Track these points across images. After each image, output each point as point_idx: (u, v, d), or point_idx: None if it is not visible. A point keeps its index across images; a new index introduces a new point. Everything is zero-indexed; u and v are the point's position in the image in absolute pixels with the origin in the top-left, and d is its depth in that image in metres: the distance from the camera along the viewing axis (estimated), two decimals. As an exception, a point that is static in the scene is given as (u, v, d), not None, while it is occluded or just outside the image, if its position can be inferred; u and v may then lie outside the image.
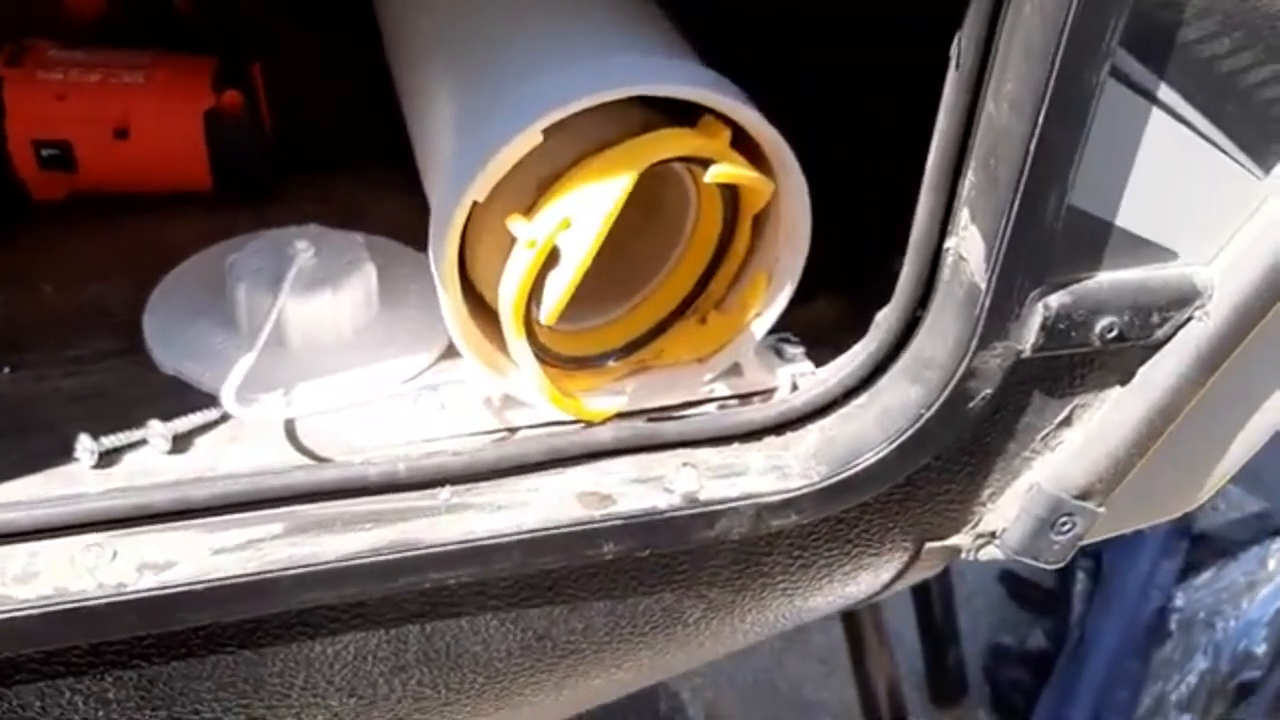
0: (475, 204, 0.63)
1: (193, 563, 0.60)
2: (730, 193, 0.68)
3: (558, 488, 0.67)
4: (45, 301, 0.79)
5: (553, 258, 0.62)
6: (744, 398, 0.75)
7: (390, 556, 0.62)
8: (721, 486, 0.68)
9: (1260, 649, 1.95)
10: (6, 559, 0.58)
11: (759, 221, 0.70)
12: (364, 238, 0.80)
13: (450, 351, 0.77)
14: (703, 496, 0.67)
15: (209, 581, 0.60)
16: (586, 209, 0.60)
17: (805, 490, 0.68)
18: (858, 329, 0.74)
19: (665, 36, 0.71)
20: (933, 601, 1.98)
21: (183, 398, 0.72)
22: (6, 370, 0.72)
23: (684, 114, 0.65)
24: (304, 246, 0.75)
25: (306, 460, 0.68)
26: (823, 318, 0.80)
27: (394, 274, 0.80)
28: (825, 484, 0.69)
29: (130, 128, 0.83)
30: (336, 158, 0.95)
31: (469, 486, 0.66)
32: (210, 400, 0.71)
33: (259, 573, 0.60)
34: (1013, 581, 2.17)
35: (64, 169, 0.83)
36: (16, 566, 0.58)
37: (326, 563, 0.62)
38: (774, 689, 2.05)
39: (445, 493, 0.65)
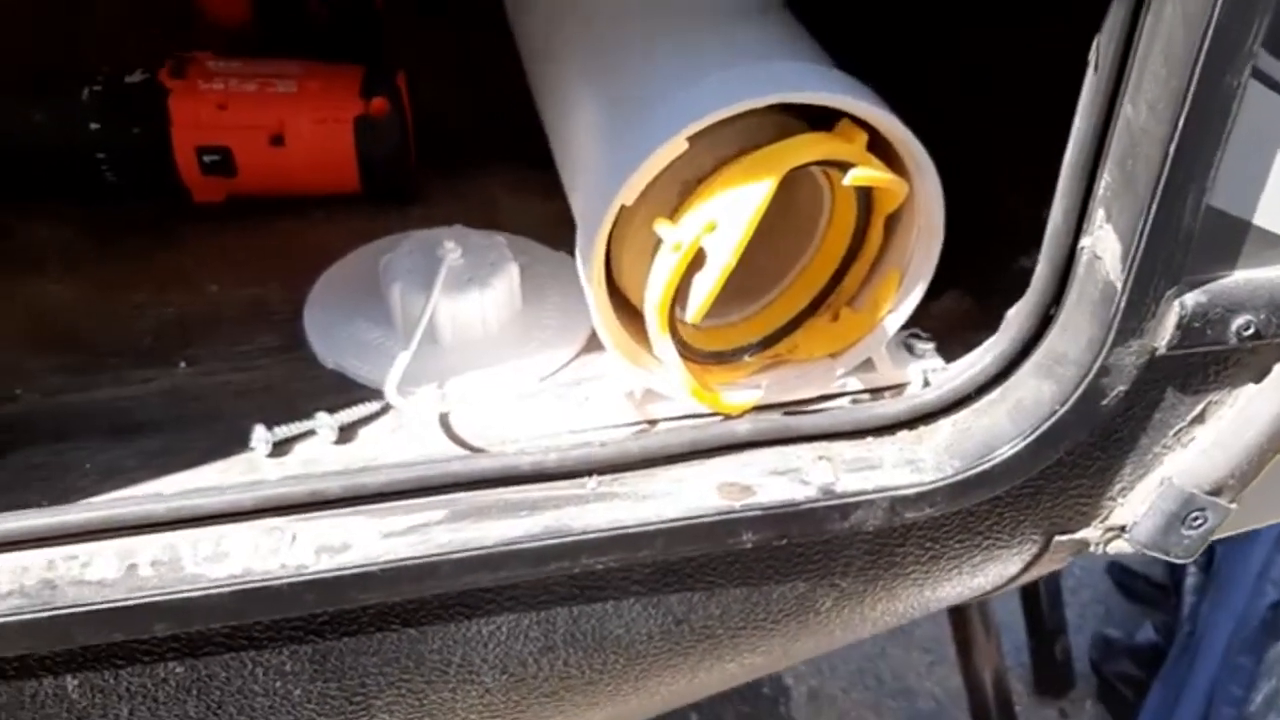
0: (622, 207, 0.66)
1: (365, 546, 0.64)
2: (864, 193, 0.71)
3: (699, 478, 0.70)
4: (212, 300, 0.84)
5: (697, 259, 0.65)
6: (876, 392, 0.77)
7: (544, 542, 0.66)
8: (856, 479, 0.70)
9: (1373, 646, 1.91)
10: (199, 541, 0.63)
11: (891, 220, 0.72)
12: (505, 237, 0.84)
13: (590, 346, 0.80)
14: (838, 489, 0.70)
15: (380, 564, 0.64)
16: (731, 213, 0.63)
17: (939, 484, 0.70)
18: (985, 324, 0.75)
19: (797, 40, 0.73)
20: (1040, 592, 1.97)
21: (345, 391, 0.76)
22: (182, 365, 0.78)
23: (821, 117, 0.67)
24: (451, 247, 0.79)
25: (462, 450, 0.72)
26: (949, 313, 0.81)
27: (534, 272, 0.84)
28: (959, 478, 0.71)
29: (285, 134, 0.87)
30: (472, 158, 0.99)
31: (615, 476, 0.69)
32: (370, 393, 0.75)
33: (424, 556, 0.64)
34: (1122, 574, 2.15)
35: (224, 173, 0.88)
36: (208, 548, 0.63)
37: (485, 548, 0.65)
38: (878, 679, 2.06)
39: (592, 482, 0.69)
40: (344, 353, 0.78)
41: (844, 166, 0.66)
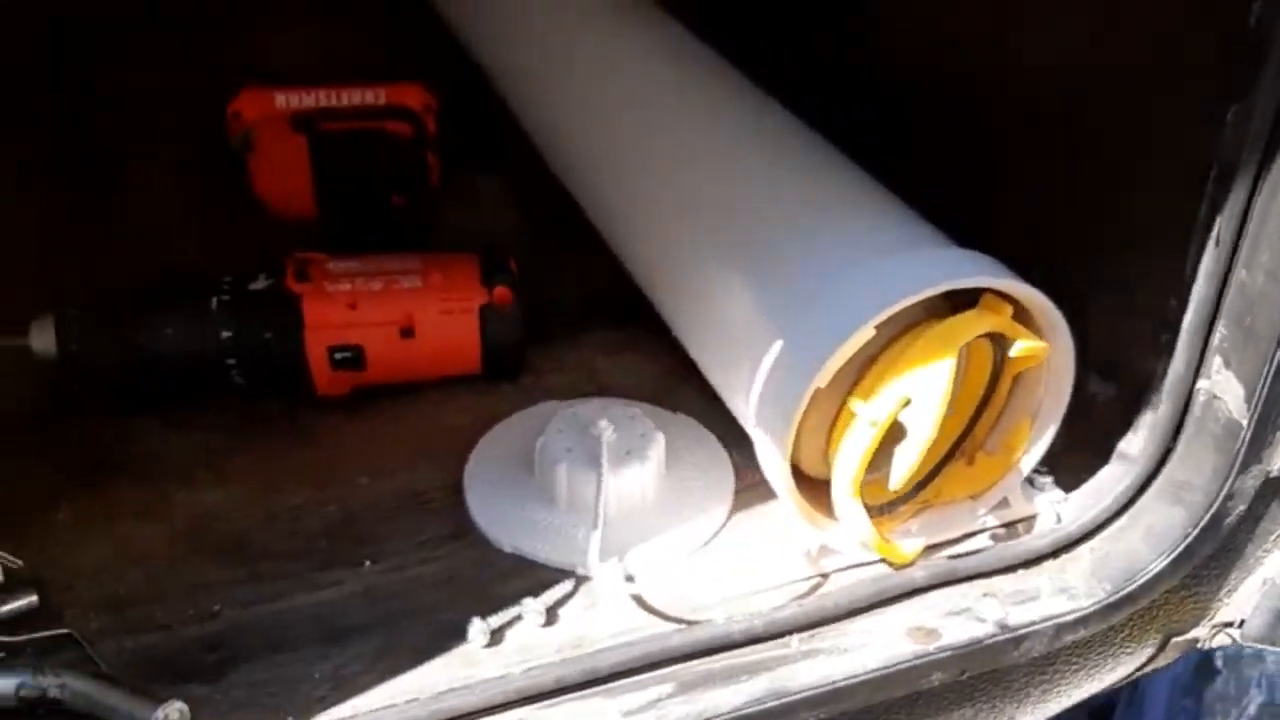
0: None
1: (609, 729, 0.68)
2: (999, 349, 0.79)
3: (888, 627, 0.76)
4: (367, 493, 0.87)
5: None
6: (1009, 526, 0.85)
7: (768, 704, 0.71)
8: (1022, 611, 0.78)
9: (1316, 675, 2.06)
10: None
11: (1019, 372, 0.81)
12: (640, 406, 0.90)
13: (735, 506, 0.87)
14: (1011, 622, 0.77)
15: (632, 745, 0.68)
16: (924, 389, 0.71)
17: (1093, 608, 0.79)
18: (1083, 451, 0.85)
19: (921, 221, 0.82)
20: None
21: (528, 573, 0.81)
22: (367, 564, 0.81)
23: (965, 290, 0.76)
24: (605, 425, 0.85)
25: (660, 620, 0.77)
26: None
27: (665, 435, 0.89)
28: (1109, 600, 0.79)
29: (415, 327, 0.92)
30: (560, 322, 1.05)
31: (813, 633, 0.75)
32: (553, 573, 0.80)
33: (668, 731, 0.69)
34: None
35: (353, 368, 0.92)
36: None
37: (720, 715, 0.70)
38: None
39: (795, 640, 0.75)
40: (519, 536, 0.83)
41: (996, 336, 0.75)
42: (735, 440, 0.90)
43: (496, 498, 0.86)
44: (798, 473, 0.79)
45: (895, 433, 0.74)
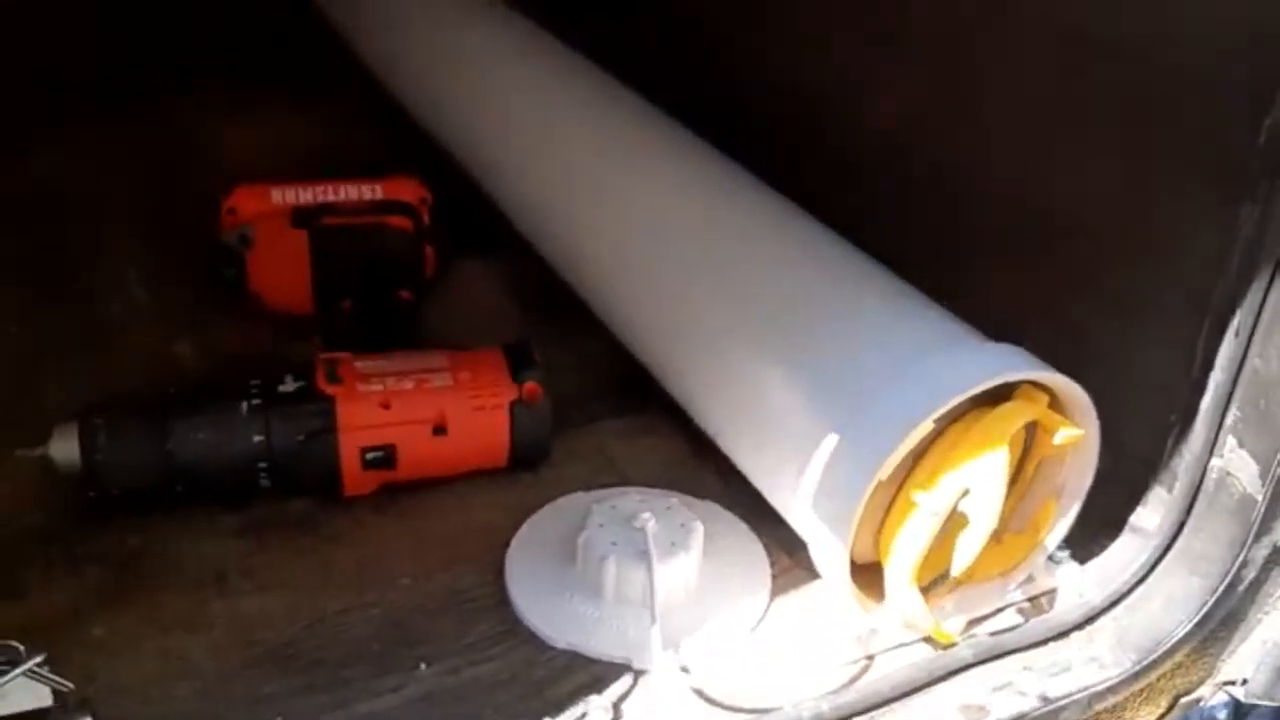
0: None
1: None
2: (1028, 434, 0.84)
3: (941, 704, 0.80)
4: (409, 594, 0.87)
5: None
6: (1034, 599, 0.89)
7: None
8: (1059, 683, 0.82)
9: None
10: None
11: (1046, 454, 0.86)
12: (675, 495, 0.93)
13: (773, 591, 0.89)
14: (1051, 694, 0.81)
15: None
16: (982, 478, 0.75)
17: (1122, 676, 0.83)
18: (1091, 523, 0.90)
19: (944, 311, 0.87)
20: None
21: (583, 669, 0.82)
22: (422, 666, 0.81)
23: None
24: (648, 518, 0.87)
25: (725, 712, 0.79)
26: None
27: (699, 524, 0.92)
28: (1136, 668, 0.84)
29: (447, 425, 0.93)
30: (569, 410, 1.07)
31: (875, 714, 0.78)
32: (609, 668, 0.81)
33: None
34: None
35: (384, 467, 0.93)
36: None
37: (803, 802, 0.73)
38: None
39: (861, 722, 0.77)
40: (571, 632, 0.84)
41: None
42: (759, 523, 0.93)
43: (542, 594, 0.87)
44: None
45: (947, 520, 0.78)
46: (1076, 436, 0.79)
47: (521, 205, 1.24)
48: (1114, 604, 0.86)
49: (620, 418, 1.07)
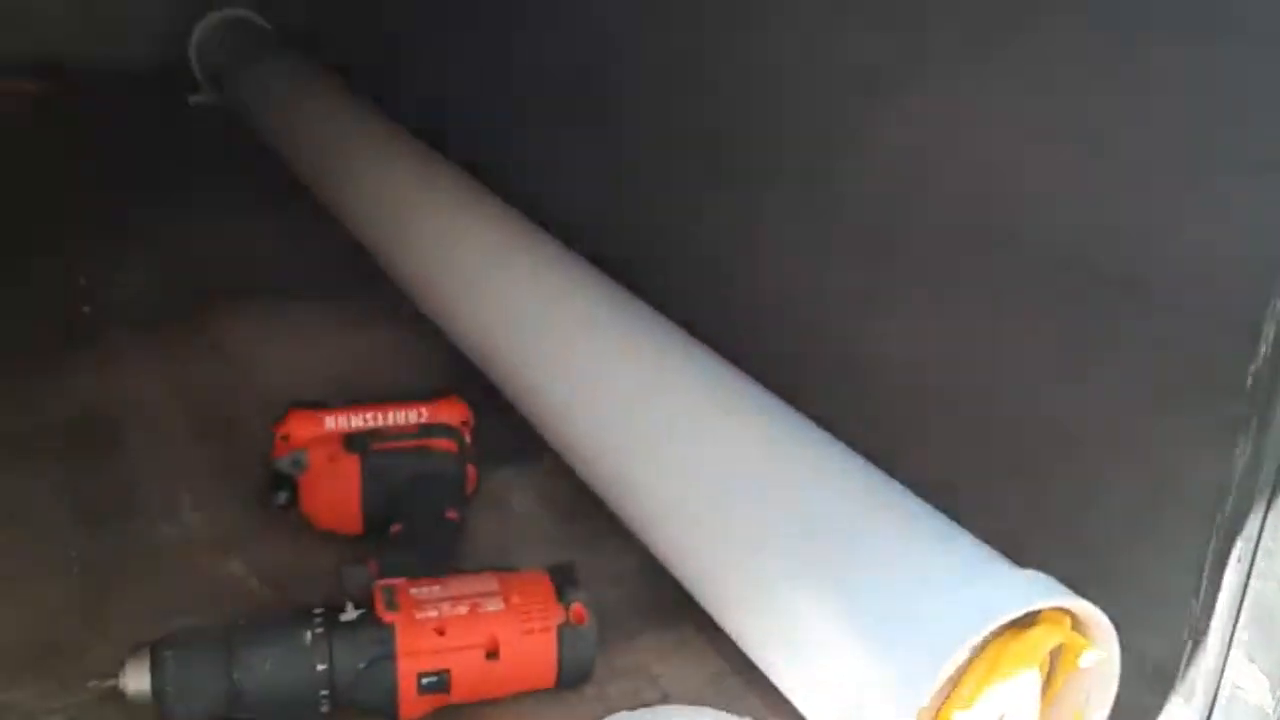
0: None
1: None
2: (1053, 656, 0.89)
3: None
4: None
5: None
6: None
7: None
8: None
9: None
10: None
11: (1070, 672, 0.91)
12: (717, 713, 0.97)
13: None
14: None
15: None
16: (1019, 702, 0.80)
17: None
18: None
19: (966, 531, 0.94)
20: None
21: None
22: None
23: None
24: (703, 740, 0.91)
25: None
26: None
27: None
28: None
29: (499, 649, 0.97)
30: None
31: None
32: None
33: None
34: None
35: (439, 691, 0.97)
36: None
37: None
38: None
39: None
40: None
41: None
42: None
43: (596, 816, 0.90)
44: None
45: None
46: (1102, 659, 0.85)
47: (548, 419, 1.32)
48: (1142, 811, 0.90)
49: (659, 633, 1.12)
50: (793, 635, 0.93)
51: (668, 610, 1.12)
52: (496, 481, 1.30)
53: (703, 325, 1.29)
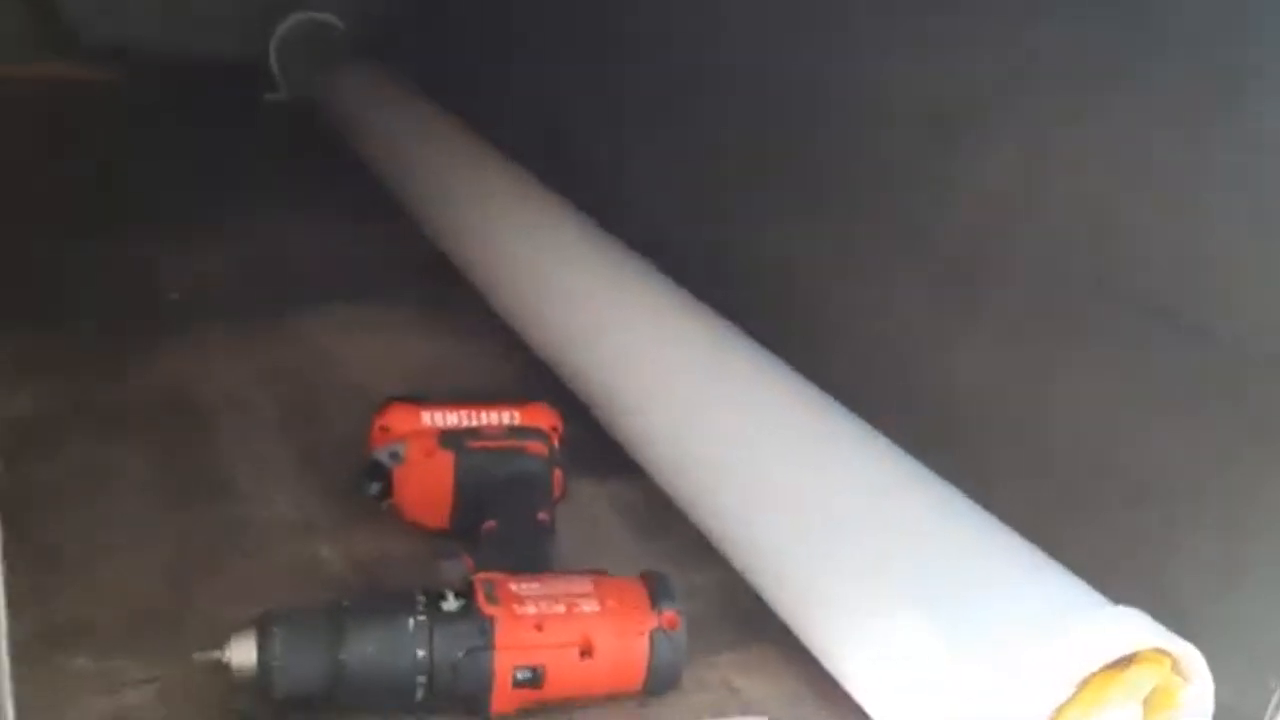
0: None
1: None
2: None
3: None
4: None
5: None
6: None
7: None
8: None
9: None
10: None
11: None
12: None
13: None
14: None
15: None
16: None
17: None
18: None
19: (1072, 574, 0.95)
20: None
21: None
22: None
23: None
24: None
25: None
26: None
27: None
28: None
29: (593, 649, 0.99)
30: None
31: None
32: None
33: None
34: None
35: (531, 687, 0.99)
36: None
37: None
38: None
39: None
40: None
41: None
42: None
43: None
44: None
45: None
46: (1202, 698, 0.86)
47: (634, 436, 1.34)
48: None
49: (741, 648, 1.13)
50: (885, 660, 0.95)
51: (749, 626, 1.14)
52: (578, 489, 1.32)
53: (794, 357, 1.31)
